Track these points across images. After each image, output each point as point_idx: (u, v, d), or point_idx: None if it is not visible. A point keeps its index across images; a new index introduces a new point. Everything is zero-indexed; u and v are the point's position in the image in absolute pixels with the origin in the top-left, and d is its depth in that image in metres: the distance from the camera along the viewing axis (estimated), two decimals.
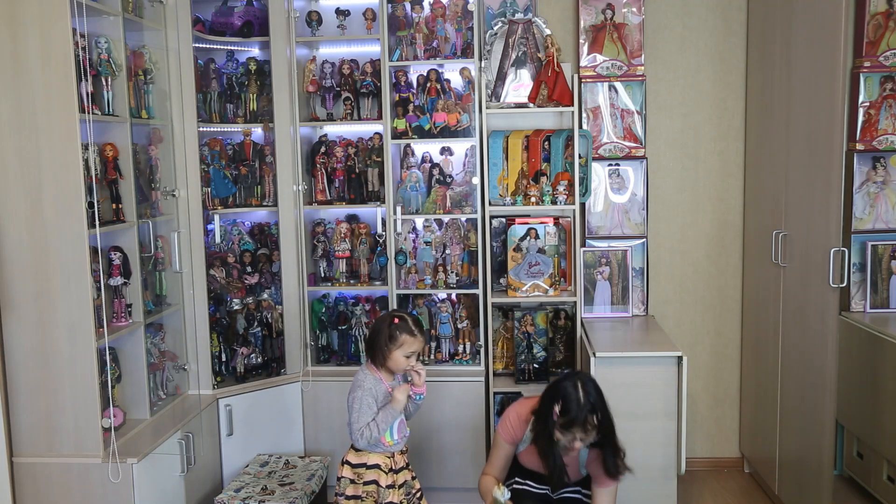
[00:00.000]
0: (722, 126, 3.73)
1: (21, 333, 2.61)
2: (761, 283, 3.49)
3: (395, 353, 2.57)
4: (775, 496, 3.37)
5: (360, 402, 2.56)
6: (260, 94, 3.52)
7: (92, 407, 2.62)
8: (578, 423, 2.36)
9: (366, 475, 2.57)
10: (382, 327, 2.59)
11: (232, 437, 3.35)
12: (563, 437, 2.41)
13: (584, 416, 2.35)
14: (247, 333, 3.49)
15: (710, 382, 3.86)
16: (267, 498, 2.99)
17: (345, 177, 3.60)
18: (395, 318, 2.59)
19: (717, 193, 3.76)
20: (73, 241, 2.56)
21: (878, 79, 3.16)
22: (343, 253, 3.62)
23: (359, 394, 2.57)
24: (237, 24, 3.46)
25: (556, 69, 3.44)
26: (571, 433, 2.39)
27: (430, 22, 3.49)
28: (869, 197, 3.21)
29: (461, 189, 3.56)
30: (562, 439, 2.42)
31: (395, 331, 2.56)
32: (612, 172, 3.63)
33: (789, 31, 3.10)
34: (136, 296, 2.90)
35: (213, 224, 3.38)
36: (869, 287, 3.21)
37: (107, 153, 2.79)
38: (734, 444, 3.89)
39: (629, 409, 3.06)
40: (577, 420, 2.35)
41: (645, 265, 3.65)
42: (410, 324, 2.59)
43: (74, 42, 2.52)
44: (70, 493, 2.64)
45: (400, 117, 3.48)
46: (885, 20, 3.11)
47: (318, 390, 3.50)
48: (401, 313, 2.63)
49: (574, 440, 2.40)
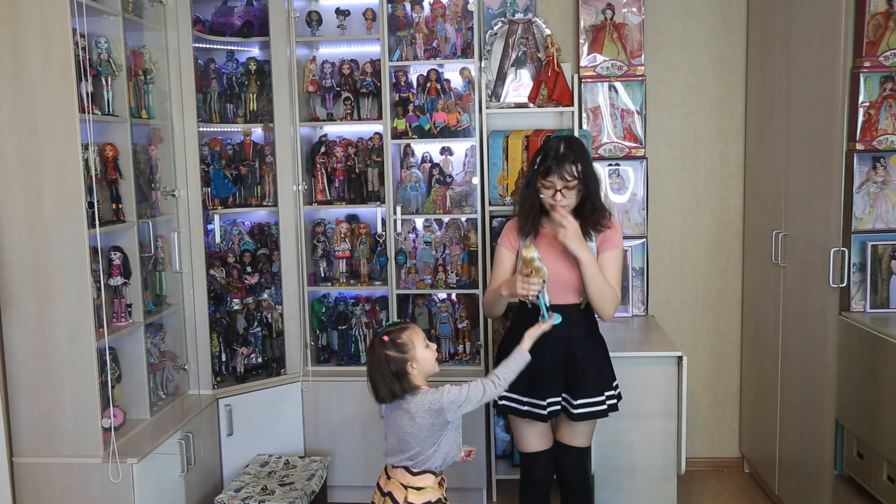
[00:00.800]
0: (722, 126, 3.73)
1: (21, 333, 2.61)
2: (761, 283, 3.50)
3: (417, 356, 2.23)
4: (775, 496, 3.37)
5: (452, 391, 2.22)
6: (260, 94, 3.52)
7: (92, 407, 2.62)
8: (556, 169, 2.42)
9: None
10: (381, 358, 2.20)
11: (232, 437, 3.35)
12: (545, 190, 2.47)
13: (561, 162, 2.42)
14: (247, 333, 3.49)
15: (710, 382, 3.86)
16: (267, 498, 2.99)
17: (345, 177, 3.60)
18: (382, 338, 2.23)
19: (717, 193, 3.76)
20: (73, 241, 2.56)
21: (878, 79, 3.16)
22: (343, 253, 3.62)
23: (446, 398, 2.21)
24: (237, 24, 3.46)
25: (556, 69, 3.45)
26: (551, 182, 2.44)
27: (430, 22, 3.50)
28: (869, 197, 3.21)
29: (461, 189, 3.56)
30: (544, 195, 2.47)
31: (396, 344, 2.22)
32: (612, 172, 3.63)
33: (789, 31, 3.10)
34: (136, 296, 2.90)
35: (213, 224, 3.38)
36: (869, 287, 3.21)
37: (107, 153, 2.78)
38: (734, 444, 3.89)
39: (629, 409, 3.06)
40: (555, 165, 2.43)
41: (645, 265, 3.65)
42: (391, 328, 2.27)
43: (74, 42, 2.52)
44: (70, 493, 2.64)
45: (400, 117, 3.48)
46: (885, 20, 3.11)
47: (318, 390, 3.50)
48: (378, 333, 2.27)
49: (555, 193, 2.44)
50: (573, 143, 2.49)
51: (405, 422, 2.22)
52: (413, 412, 2.21)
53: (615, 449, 3.10)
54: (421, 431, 2.21)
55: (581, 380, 2.53)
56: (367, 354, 2.27)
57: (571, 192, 2.45)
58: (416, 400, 2.21)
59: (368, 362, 2.25)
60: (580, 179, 2.45)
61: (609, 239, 2.55)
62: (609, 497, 3.14)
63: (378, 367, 2.21)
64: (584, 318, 2.57)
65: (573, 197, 2.46)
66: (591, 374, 2.54)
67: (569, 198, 2.46)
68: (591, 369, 2.55)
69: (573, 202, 2.48)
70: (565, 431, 2.65)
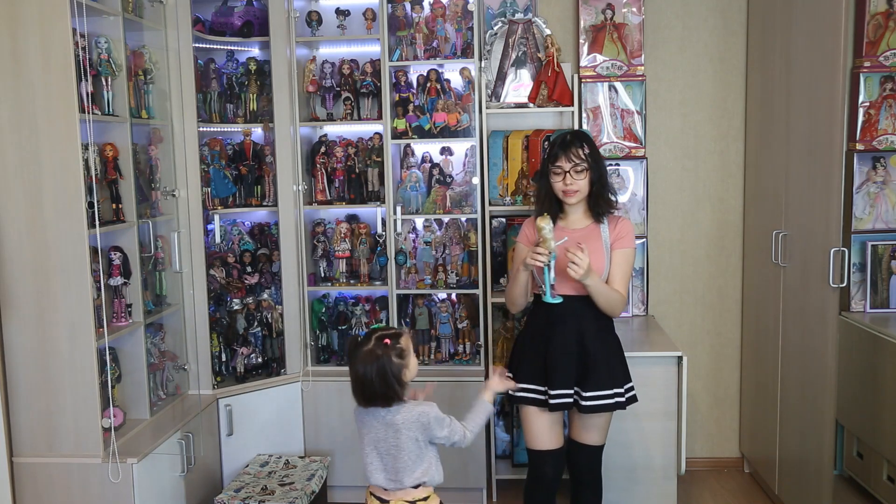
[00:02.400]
0: (722, 126, 3.73)
1: (21, 333, 2.61)
2: (761, 283, 3.49)
3: (409, 364, 2.21)
4: (775, 496, 3.37)
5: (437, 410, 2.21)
6: (260, 94, 3.52)
7: (92, 407, 2.62)
8: (562, 154, 2.52)
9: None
10: (383, 362, 2.14)
11: (232, 437, 3.35)
12: (555, 176, 2.56)
13: (568, 146, 2.52)
14: (247, 333, 3.49)
15: (710, 382, 3.86)
16: (267, 498, 2.99)
17: (345, 177, 3.60)
18: (384, 342, 2.17)
19: (717, 193, 3.76)
20: (73, 241, 2.56)
21: (878, 79, 3.16)
22: (343, 253, 3.62)
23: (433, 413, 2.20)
24: (237, 24, 3.46)
25: (556, 69, 3.45)
26: (560, 166, 2.54)
27: (430, 22, 3.49)
28: (869, 197, 3.21)
29: (461, 189, 3.56)
30: (555, 181, 2.57)
31: (396, 349, 2.18)
32: (612, 172, 3.62)
33: (789, 31, 3.10)
34: (136, 296, 2.90)
35: (213, 224, 3.38)
36: (869, 287, 3.21)
37: (107, 153, 2.78)
38: (734, 444, 3.89)
39: (629, 409, 3.05)
40: (561, 150, 2.53)
41: (645, 265, 3.65)
42: (384, 331, 2.22)
43: (74, 42, 2.52)
44: (70, 493, 2.64)
45: (400, 117, 3.48)
46: (885, 20, 3.11)
47: (318, 390, 3.50)
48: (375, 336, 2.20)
49: (564, 176, 2.53)
50: (580, 132, 2.65)
51: (389, 436, 2.18)
52: (399, 425, 2.17)
53: (615, 449, 3.10)
54: (406, 444, 2.18)
55: (592, 371, 2.54)
56: (365, 357, 2.15)
57: (580, 174, 2.53)
58: (404, 411, 2.18)
59: (364, 364, 2.15)
60: (588, 162, 2.52)
61: (624, 237, 2.59)
62: (609, 497, 3.13)
63: (379, 372, 2.13)
64: (596, 312, 2.58)
65: (583, 180, 2.54)
66: (601, 368, 2.55)
67: (579, 181, 2.53)
68: (602, 363, 2.56)
69: (583, 187, 2.55)
70: (579, 429, 2.65)
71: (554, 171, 2.56)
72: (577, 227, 2.61)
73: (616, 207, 2.63)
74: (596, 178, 2.56)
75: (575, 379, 2.56)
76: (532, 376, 2.60)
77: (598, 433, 2.64)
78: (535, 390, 2.60)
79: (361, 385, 2.17)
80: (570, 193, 2.54)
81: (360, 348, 2.18)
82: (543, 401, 2.58)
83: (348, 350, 2.24)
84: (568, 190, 2.54)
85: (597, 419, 2.60)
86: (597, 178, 2.56)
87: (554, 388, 2.55)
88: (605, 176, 2.59)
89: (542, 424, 2.62)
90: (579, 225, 2.62)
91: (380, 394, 2.16)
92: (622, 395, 2.59)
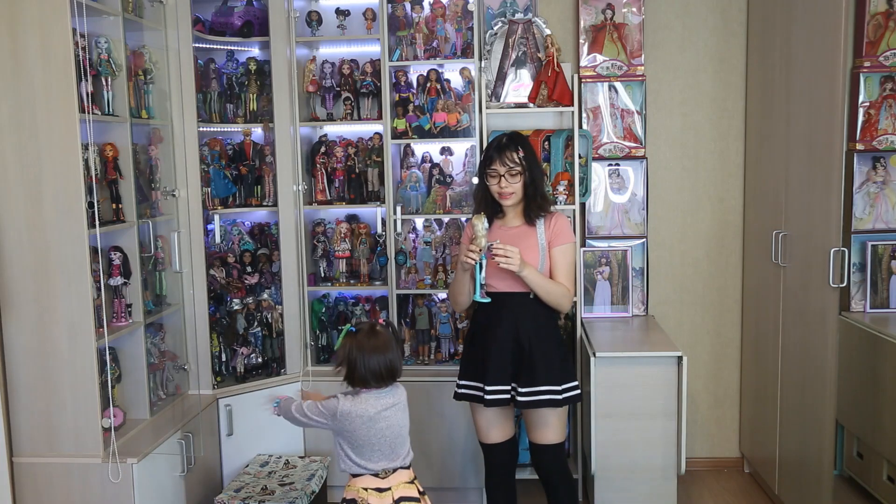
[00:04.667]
0: (722, 126, 3.73)
1: (21, 333, 2.61)
2: (761, 283, 3.49)
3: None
4: (775, 496, 3.37)
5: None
6: (260, 94, 3.52)
7: (92, 407, 2.62)
8: (497, 157, 2.58)
9: None
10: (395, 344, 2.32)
11: (232, 437, 3.35)
12: (491, 179, 2.62)
13: (502, 150, 2.57)
14: (247, 333, 3.49)
15: (710, 382, 3.86)
16: (267, 498, 2.99)
17: (345, 177, 3.60)
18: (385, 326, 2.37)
19: (717, 193, 3.76)
20: (73, 241, 2.55)
21: (878, 79, 3.16)
22: (343, 253, 3.62)
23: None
24: (237, 24, 3.46)
25: (556, 69, 3.44)
26: (494, 170, 2.60)
27: (430, 22, 3.49)
28: (869, 197, 3.21)
29: (461, 189, 3.56)
30: (491, 184, 2.63)
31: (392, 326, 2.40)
32: (612, 172, 3.63)
33: (789, 31, 3.10)
34: (136, 296, 2.90)
35: (213, 224, 3.38)
36: (869, 287, 3.21)
37: (107, 153, 2.78)
38: (734, 444, 3.89)
39: (629, 409, 3.06)
40: (496, 154, 2.58)
41: (645, 265, 3.65)
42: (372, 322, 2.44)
43: (74, 42, 2.52)
44: (70, 493, 2.64)
45: (400, 117, 3.48)
46: (885, 20, 3.11)
47: (317, 390, 3.49)
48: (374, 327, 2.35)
49: (499, 179, 2.58)
50: (515, 135, 2.68)
51: (399, 416, 2.33)
52: (405, 403, 2.37)
53: (615, 449, 3.10)
54: (406, 415, 2.36)
55: (527, 368, 2.58)
56: (387, 343, 2.29)
57: (515, 178, 2.60)
58: (402, 390, 2.38)
59: (386, 346, 2.28)
60: (522, 165, 2.58)
61: (561, 233, 2.65)
62: (609, 497, 3.14)
63: (397, 353, 2.31)
64: (533, 309, 2.62)
65: (517, 183, 2.61)
66: (537, 364, 2.59)
67: (513, 184, 2.60)
68: (539, 359, 2.59)
69: (518, 189, 2.62)
70: (534, 429, 2.69)
71: (490, 174, 2.62)
72: (512, 226, 2.68)
73: (549, 210, 2.68)
74: (529, 182, 2.62)
75: (511, 375, 2.61)
76: (472, 374, 2.68)
77: (553, 431, 2.67)
78: (474, 387, 2.67)
79: (391, 369, 2.29)
80: (506, 196, 2.63)
81: (376, 338, 2.29)
82: (477, 396, 2.66)
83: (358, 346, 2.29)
84: (503, 192, 2.62)
85: (548, 417, 2.64)
86: (530, 181, 2.62)
87: (488, 383, 2.61)
88: (538, 179, 2.66)
89: (487, 420, 2.71)
90: (515, 223, 2.69)
91: (399, 369, 2.33)
92: (558, 392, 2.61)
